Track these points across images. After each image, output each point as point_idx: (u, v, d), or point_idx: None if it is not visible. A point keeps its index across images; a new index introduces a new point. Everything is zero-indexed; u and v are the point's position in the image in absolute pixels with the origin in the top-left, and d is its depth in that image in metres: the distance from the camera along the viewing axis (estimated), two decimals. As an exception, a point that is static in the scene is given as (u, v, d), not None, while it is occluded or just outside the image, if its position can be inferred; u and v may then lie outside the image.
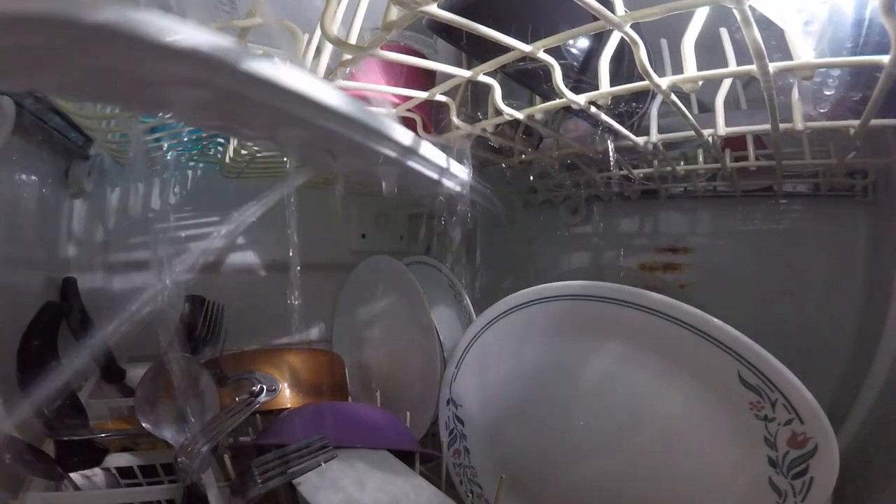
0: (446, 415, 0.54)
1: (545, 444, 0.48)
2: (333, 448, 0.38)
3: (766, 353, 0.35)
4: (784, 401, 0.34)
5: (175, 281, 0.46)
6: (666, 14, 0.23)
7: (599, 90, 0.31)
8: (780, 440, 0.35)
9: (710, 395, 0.38)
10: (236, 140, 0.50)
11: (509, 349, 0.50)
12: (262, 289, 0.74)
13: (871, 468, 0.43)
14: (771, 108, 0.33)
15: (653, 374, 0.41)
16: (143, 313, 0.41)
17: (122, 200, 0.63)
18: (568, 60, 0.33)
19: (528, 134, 0.54)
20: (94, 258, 0.61)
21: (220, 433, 0.38)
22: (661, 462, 0.41)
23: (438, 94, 0.36)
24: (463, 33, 0.24)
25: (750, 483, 0.37)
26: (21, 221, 0.49)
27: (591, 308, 0.44)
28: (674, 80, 0.29)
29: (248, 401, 0.46)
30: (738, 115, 0.44)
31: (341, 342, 0.78)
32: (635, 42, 0.25)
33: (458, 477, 0.53)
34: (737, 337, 0.36)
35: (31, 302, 0.47)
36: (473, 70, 0.32)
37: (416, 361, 0.59)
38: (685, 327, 0.38)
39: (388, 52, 0.27)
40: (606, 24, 0.24)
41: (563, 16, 0.31)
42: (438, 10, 0.21)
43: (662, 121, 0.44)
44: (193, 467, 0.36)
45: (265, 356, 0.57)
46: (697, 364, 0.38)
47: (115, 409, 0.52)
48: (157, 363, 0.44)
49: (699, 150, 0.54)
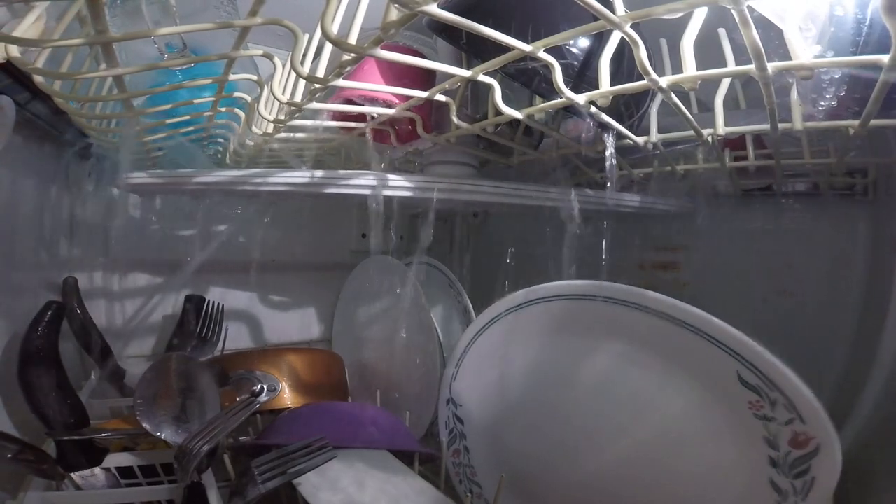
0: (446, 414, 0.54)
1: (545, 444, 0.48)
2: (333, 448, 0.38)
3: (766, 353, 0.35)
4: (785, 400, 0.34)
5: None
6: (665, 14, 0.23)
7: (599, 90, 0.31)
8: (781, 440, 0.35)
9: (709, 394, 0.38)
10: (236, 140, 0.50)
11: (509, 349, 0.50)
12: (262, 289, 0.74)
13: (874, 468, 0.43)
14: (770, 107, 0.33)
15: (652, 374, 0.41)
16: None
17: (122, 200, 0.63)
18: (568, 60, 0.33)
19: (528, 134, 0.54)
20: (94, 258, 0.61)
21: (220, 433, 0.38)
22: (660, 462, 0.41)
23: (438, 93, 0.36)
24: (463, 33, 0.24)
25: (749, 483, 0.37)
26: (21, 221, 0.49)
27: (590, 308, 0.44)
28: (673, 80, 0.29)
29: (248, 401, 0.46)
30: (738, 115, 0.44)
31: (341, 342, 0.78)
32: (635, 42, 0.25)
33: (457, 476, 0.53)
34: (736, 336, 0.36)
35: (31, 302, 0.48)
36: (473, 70, 0.32)
37: (416, 361, 0.59)
38: (684, 327, 0.38)
39: (388, 52, 0.27)
40: (606, 24, 0.24)
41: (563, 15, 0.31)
42: (438, 10, 0.21)
43: (662, 120, 0.44)
44: (193, 467, 0.36)
45: (265, 356, 0.57)
46: (697, 363, 0.38)
47: (115, 409, 0.52)
48: (157, 363, 0.44)
49: (699, 150, 0.54)
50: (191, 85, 0.35)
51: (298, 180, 0.42)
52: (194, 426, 0.41)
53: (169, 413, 0.42)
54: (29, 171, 0.49)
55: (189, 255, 0.61)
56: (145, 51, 0.34)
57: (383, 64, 0.44)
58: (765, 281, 0.62)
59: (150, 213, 0.65)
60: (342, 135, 0.50)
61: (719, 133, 0.39)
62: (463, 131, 0.42)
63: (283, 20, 0.27)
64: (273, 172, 0.42)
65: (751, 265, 0.64)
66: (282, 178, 0.42)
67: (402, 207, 0.48)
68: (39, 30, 0.29)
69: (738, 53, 0.35)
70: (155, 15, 0.35)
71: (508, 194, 0.48)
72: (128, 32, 0.26)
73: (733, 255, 0.66)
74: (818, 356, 0.55)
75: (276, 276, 0.76)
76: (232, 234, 0.69)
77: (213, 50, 0.32)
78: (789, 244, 0.62)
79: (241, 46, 0.29)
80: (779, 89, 0.31)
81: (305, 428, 0.45)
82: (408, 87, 0.37)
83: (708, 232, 0.69)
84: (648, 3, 0.23)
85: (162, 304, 0.66)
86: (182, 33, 0.28)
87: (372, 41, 0.25)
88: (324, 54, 0.31)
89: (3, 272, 0.46)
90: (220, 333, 0.64)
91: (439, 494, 0.40)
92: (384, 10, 0.22)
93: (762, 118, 0.36)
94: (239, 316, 0.73)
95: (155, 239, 0.65)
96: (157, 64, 0.30)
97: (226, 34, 0.29)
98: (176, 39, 0.35)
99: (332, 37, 0.24)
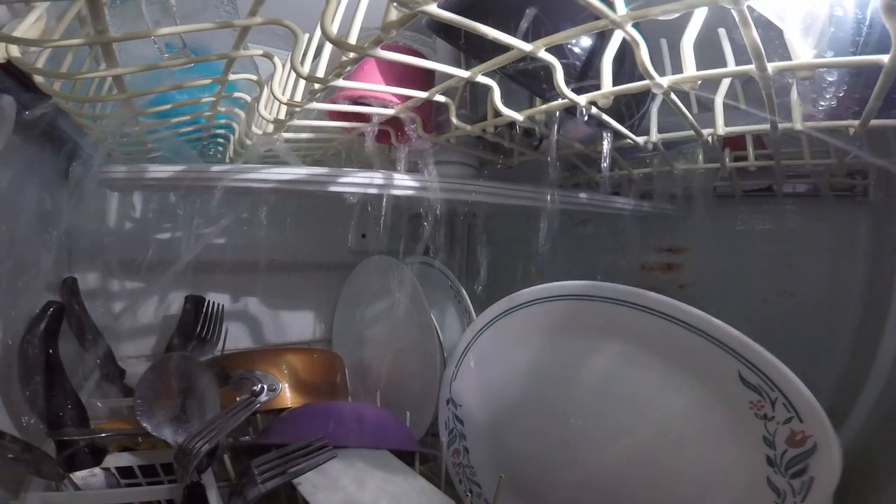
0: (446, 415, 0.54)
1: (544, 444, 0.48)
2: (333, 448, 0.38)
3: (766, 352, 0.35)
4: (784, 399, 0.34)
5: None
6: (666, 14, 0.23)
7: (601, 90, 0.31)
8: (778, 439, 0.35)
9: (710, 394, 0.38)
10: (236, 140, 0.50)
11: (509, 349, 0.50)
12: (262, 289, 0.74)
13: (875, 468, 0.43)
14: (770, 107, 0.33)
15: (653, 374, 0.41)
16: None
17: (122, 200, 0.63)
18: (570, 60, 0.33)
19: (528, 134, 0.54)
20: (93, 258, 0.61)
21: (221, 433, 0.38)
22: (660, 462, 0.41)
23: (437, 94, 0.36)
24: (462, 33, 0.24)
25: (750, 483, 0.37)
26: (21, 221, 0.49)
27: (591, 308, 0.44)
28: (673, 80, 0.29)
29: (248, 401, 0.46)
30: (738, 115, 0.44)
31: (341, 342, 0.78)
32: (636, 41, 0.25)
33: (457, 476, 0.53)
34: (737, 336, 0.36)
35: (31, 302, 0.47)
36: (472, 70, 0.32)
37: (416, 361, 0.59)
38: (685, 327, 0.38)
39: (388, 52, 0.27)
40: (608, 24, 0.24)
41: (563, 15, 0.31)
42: (438, 9, 0.21)
43: (662, 120, 0.44)
44: (193, 467, 0.36)
45: (265, 356, 0.57)
46: (698, 364, 0.38)
47: (115, 409, 0.52)
48: (157, 363, 0.44)
49: (699, 150, 0.54)
50: (191, 85, 0.35)
51: (284, 177, 0.42)
52: (194, 426, 0.41)
53: (169, 413, 0.42)
54: (29, 170, 0.49)
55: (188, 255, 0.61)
56: (145, 51, 0.34)
57: (383, 64, 0.44)
58: (765, 281, 0.63)
59: (150, 212, 0.65)
60: (342, 135, 0.50)
61: (719, 133, 0.39)
62: (462, 132, 0.42)
63: (283, 20, 0.27)
64: (258, 168, 0.43)
65: (751, 266, 0.64)
66: (267, 175, 0.42)
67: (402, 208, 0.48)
68: (40, 30, 0.29)
69: (738, 53, 0.35)
70: (155, 15, 0.35)
71: (504, 195, 0.48)
72: (128, 32, 0.26)
73: (733, 256, 0.66)
74: (818, 356, 0.55)
75: (275, 276, 0.76)
76: (231, 235, 0.69)
77: (213, 50, 0.32)
78: (789, 245, 0.62)
79: (241, 46, 0.29)
80: (779, 89, 0.31)
81: (305, 428, 0.45)
82: (407, 87, 0.37)
83: (708, 233, 0.69)
84: (649, 3, 0.23)
85: (162, 304, 0.66)
86: (182, 33, 0.28)
87: (372, 41, 0.25)
88: (324, 54, 0.31)
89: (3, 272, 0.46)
90: (220, 333, 0.64)
91: (440, 494, 0.40)
92: (384, 10, 0.22)
93: (762, 118, 0.36)
94: (239, 316, 0.73)
95: (155, 239, 0.65)
96: (158, 64, 0.30)
97: (226, 34, 0.29)
98: (176, 39, 0.35)
99: (332, 37, 0.24)
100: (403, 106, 0.40)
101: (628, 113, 0.39)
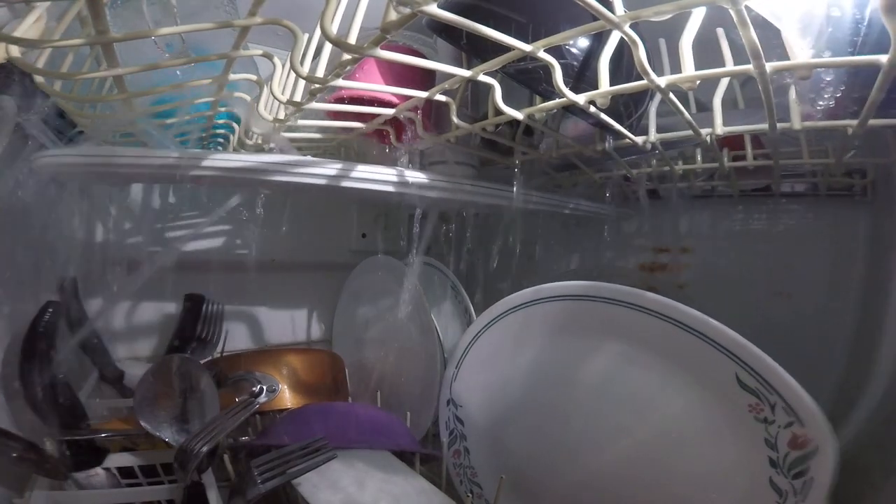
0: (446, 415, 0.54)
1: (545, 445, 0.48)
2: (333, 448, 0.38)
3: (765, 356, 0.35)
4: (783, 403, 0.34)
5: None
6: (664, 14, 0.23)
7: (599, 89, 0.31)
8: (780, 442, 0.35)
9: (708, 396, 0.38)
10: (237, 139, 0.50)
11: (509, 349, 0.50)
12: (262, 289, 0.74)
13: (872, 468, 0.43)
14: (768, 107, 0.33)
15: (652, 375, 0.41)
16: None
17: (123, 200, 0.63)
18: (568, 60, 0.33)
19: (528, 134, 0.54)
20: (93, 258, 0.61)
21: (220, 433, 0.38)
22: (660, 462, 0.41)
23: (438, 94, 0.37)
24: (463, 33, 0.24)
25: (749, 483, 0.37)
26: (21, 221, 0.49)
27: (590, 308, 0.44)
28: (672, 80, 0.29)
29: (247, 401, 0.46)
30: (736, 115, 0.44)
31: (341, 342, 0.78)
32: (634, 42, 0.25)
33: (457, 477, 0.53)
34: (735, 339, 0.36)
35: (31, 302, 0.47)
36: (473, 70, 0.32)
37: (416, 361, 0.59)
38: (684, 328, 0.38)
39: (388, 52, 0.27)
40: (606, 24, 0.24)
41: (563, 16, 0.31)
42: (438, 10, 0.22)
43: (661, 120, 0.44)
44: (193, 467, 0.36)
45: (265, 356, 0.57)
46: (696, 365, 0.38)
47: (114, 409, 0.52)
48: (157, 364, 0.44)
49: (697, 150, 0.54)
50: (191, 85, 0.35)
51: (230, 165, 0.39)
52: (194, 427, 0.41)
53: (169, 414, 0.42)
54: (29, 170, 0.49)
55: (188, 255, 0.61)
56: (145, 51, 0.34)
57: (383, 64, 0.44)
58: (763, 282, 0.63)
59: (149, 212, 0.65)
60: (342, 134, 0.50)
61: (718, 133, 0.39)
62: (463, 131, 0.42)
63: (283, 20, 0.27)
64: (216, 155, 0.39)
65: (749, 266, 0.64)
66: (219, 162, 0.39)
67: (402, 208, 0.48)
68: (40, 30, 0.29)
69: (736, 53, 0.35)
70: (155, 15, 0.35)
71: (493, 195, 0.48)
72: (128, 32, 0.26)
73: (732, 257, 0.66)
74: (817, 357, 0.55)
75: (276, 276, 0.75)
76: (231, 234, 0.69)
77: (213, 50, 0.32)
78: (788, 245, 0.62)
79: (241, 46, 0.30)
80: (777, 89, 0.31)
81: (305, 428, 0.45)
82: (408, 87, 0.37)
83: (707, 233, 0.69)
84: (649, 3, 0.23)
85: (162, 304, 0.66)
86: (182, 33, 0.28)
87: (372, 41, 0.25)
88: (323, 54, 0.31)
89: (3, 272, 0.46)
90: (220, 334, 0.63)
91: (440, 494, 0.40)
92: (384, 10, 0.22)
93: (761, 118, 0.36)
94: (239, 316, 0.73)
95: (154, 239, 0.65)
96: (158, 64, 0.30)
97: (226, 34, 0.29)
98: (176, 39, 0.35)
99: (332, 37, 0.24)
100: (403, 106, 0.40)
101: (627, 113, 0.39)
